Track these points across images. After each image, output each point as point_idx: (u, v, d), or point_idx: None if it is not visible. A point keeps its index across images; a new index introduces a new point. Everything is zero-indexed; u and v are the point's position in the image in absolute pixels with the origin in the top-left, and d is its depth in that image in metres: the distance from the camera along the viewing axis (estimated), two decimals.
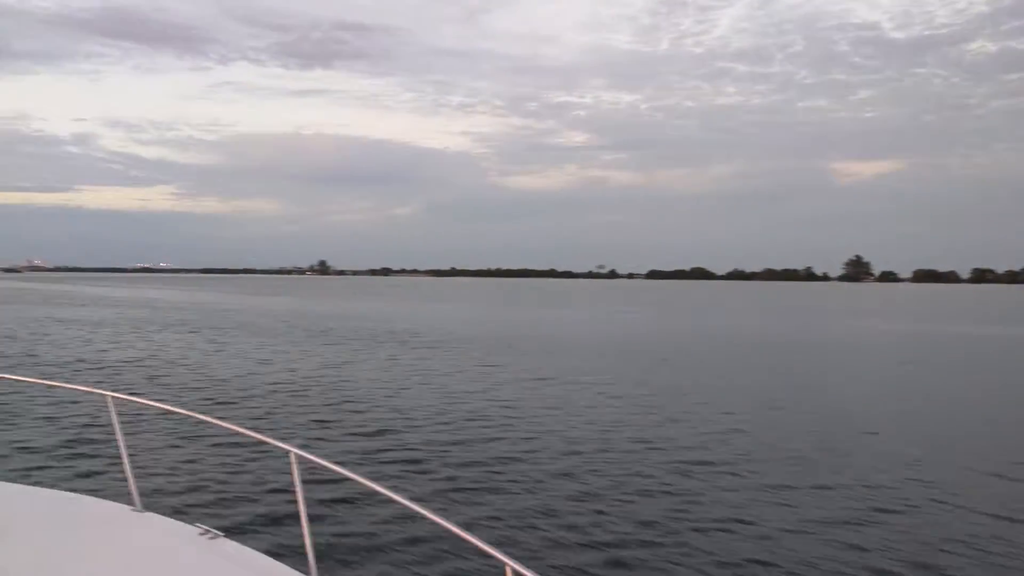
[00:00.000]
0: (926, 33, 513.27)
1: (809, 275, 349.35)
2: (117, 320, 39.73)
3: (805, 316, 57.75)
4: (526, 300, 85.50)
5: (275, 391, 16.12)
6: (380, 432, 12.08)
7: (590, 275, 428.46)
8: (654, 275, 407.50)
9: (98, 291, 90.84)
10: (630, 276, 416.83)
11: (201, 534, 3.39)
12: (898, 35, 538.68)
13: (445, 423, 12.88)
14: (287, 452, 3.33)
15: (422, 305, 66.64)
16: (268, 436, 3.68)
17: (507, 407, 14.62)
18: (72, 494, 4.08)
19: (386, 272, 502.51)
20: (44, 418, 12.35)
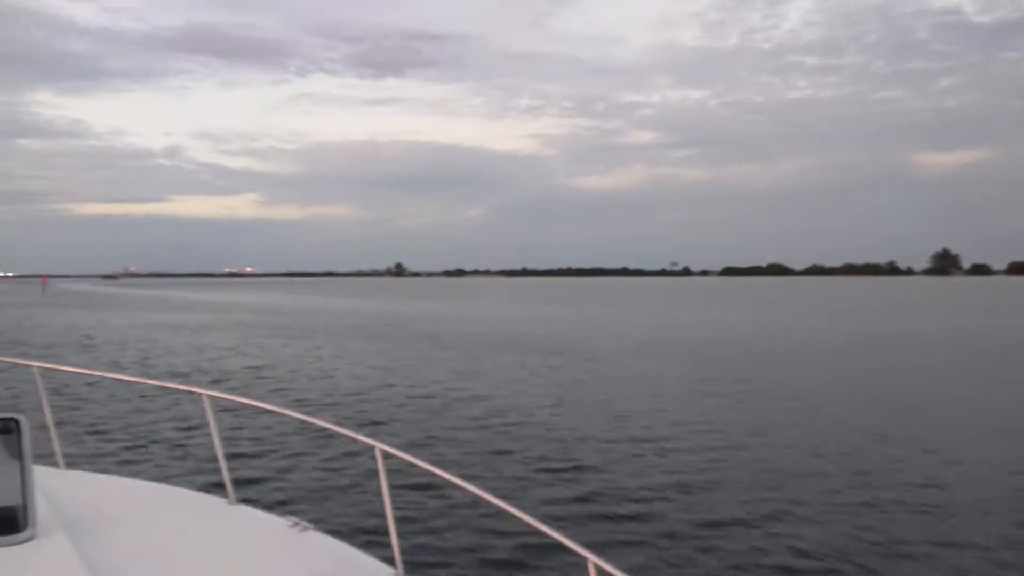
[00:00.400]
0: (1013, 16, 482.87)
1: (892, 269, 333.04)
2: (227, 324, 40.03)
3: (926, 313, 52.50)
4: (624, 300, 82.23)
5: (377, 393, 16.23)
6: (471, 430, 12.17)
7: (663, 273, 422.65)
8: (729, 272, 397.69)
9: (199, 296, 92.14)
10: (704, 273, 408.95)
11: (291, 526, 3.48)
12: (982, 19, 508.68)
13: (538, 422, 12.80)
14: (373, 448, 3.40)
15: (523, 307, 64.15)
16: (355, 432, 3.77)
17: (610, 409, 14.27)
18: (172, 487, 4.23)
19: (459, 273, 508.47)
20: (147, 415, 13.03)
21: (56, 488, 3.55)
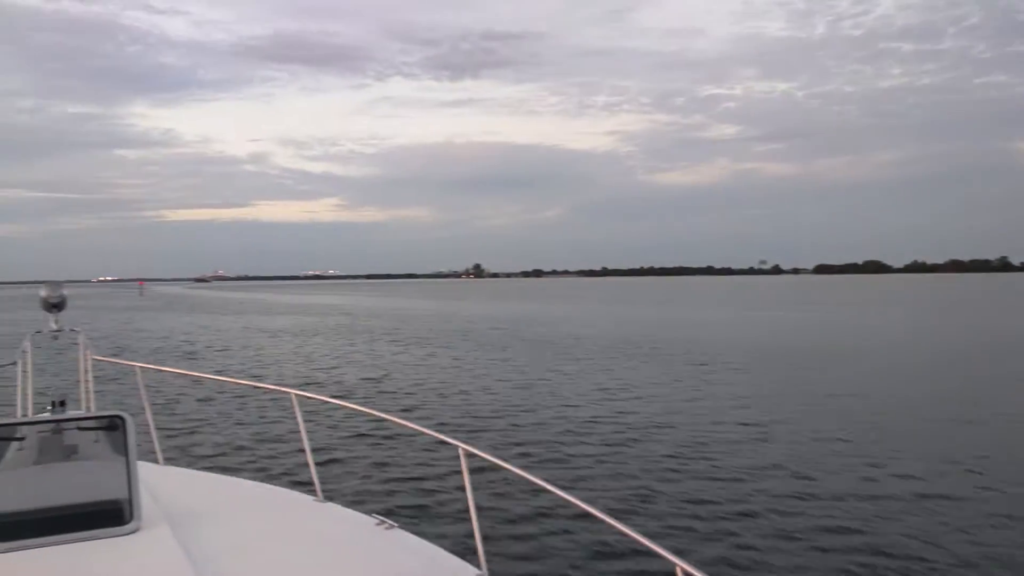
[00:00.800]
0: None
1: (1004, 265, 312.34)
2: (329, 328, 39.25)
3: None
4: (730, 300, 77.35)
5: (464, 394, 16.25)
6: (555, 433, 12.10)
7: (751, 271, 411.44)
8: (822, 269, 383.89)
9: (291, 299, 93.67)
10: (795, 271, 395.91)
11: (377, 524, 3.58)
12: None
13: (633, 427, 12.51)
14: (457, 448, 3.46)
15: (621, 309, 60.59)
16: (439, 433, 3.84)
17: (711, 415, 13.75)
18: (263, 484, 4.44)
19: (538, 274, 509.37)
20: (239, 414, 13.57)
21: (156, 483, 3.75)
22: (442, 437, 3.75)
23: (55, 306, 4.68)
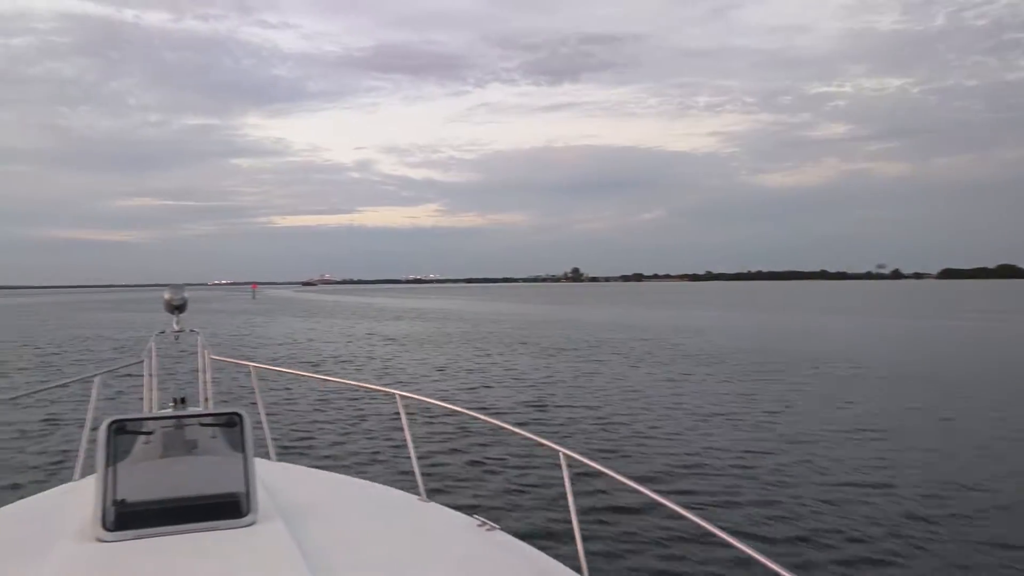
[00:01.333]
0: None
1: None
2: (446, 335, 36.62)
3: None
4: (864, 306, 71.21)
5: (571, 402, 16.03)
6: (663, 442, 11.86)
7: (868, 276, 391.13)
8: (948, 274, 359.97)
9: (401, 303, 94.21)
10: (917, 276, 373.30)
11: (479, 525, 3.61)
12: None
13: (762, 444, 11.89)
14: (557, 452, 3.46)
15: (745, 315, 56.94)
16: (540, 436, 3.83)
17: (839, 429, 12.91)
18: (368, 482, 4.51)
19: (638, 278, 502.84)
20: (346, 413, 14.04)
21: (269, 477, 3.86)
22: (543, 441, 3.75)
23: (177, 308, 4.97)
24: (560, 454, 3.44)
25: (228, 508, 3.09)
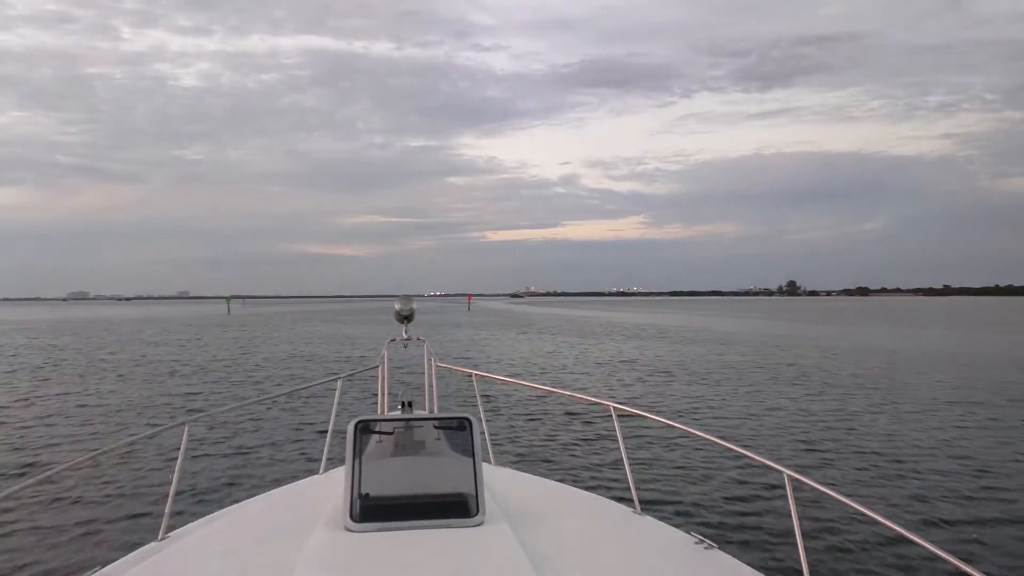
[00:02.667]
0: None
1: None
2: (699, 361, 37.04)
3: None
4: None
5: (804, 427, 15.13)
6: (920, 480, 10.63)
7: None
8: None
9: (607, 315, 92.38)
10: None
11: (696, 543, 3.58)
12: None
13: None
14: (783, 474, 3.38)
15: None
16: (763, 457, 3.76)
17: None
18: (583, 491, 4.59)
19: (863, 292, 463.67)
20: (560, 422, 14.43)
21: (490, 481, 4.07)
22: (766, 461, 3.67)
23: (406, 318, 5.40)
24: (785, 476, 3.36)
25: (459, 507, 3.30)
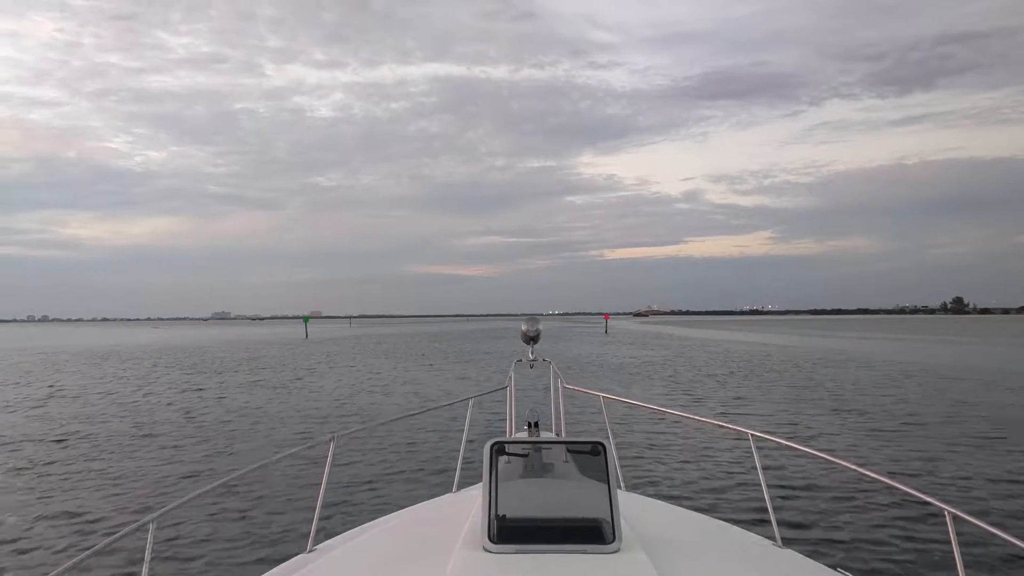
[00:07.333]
0: None
1: None
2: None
3: None
4: None
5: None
6: None
7: None
8: None
9: (781, 339, 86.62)
10: None
11: None
12: None
13: None
14: (943, 511, 3.29)
15: None
16: (924, 494, 3.64)
17: None
18: (721, 521, 4.48)
19: None
20: (694, 448, 14.27)
21: (624, 506, 3.91)
22: (927, 498, 3.55)
23: (532, 339, 5.43)
24: (946, 514, 3.25)
25: (594, 533, 3.25)
